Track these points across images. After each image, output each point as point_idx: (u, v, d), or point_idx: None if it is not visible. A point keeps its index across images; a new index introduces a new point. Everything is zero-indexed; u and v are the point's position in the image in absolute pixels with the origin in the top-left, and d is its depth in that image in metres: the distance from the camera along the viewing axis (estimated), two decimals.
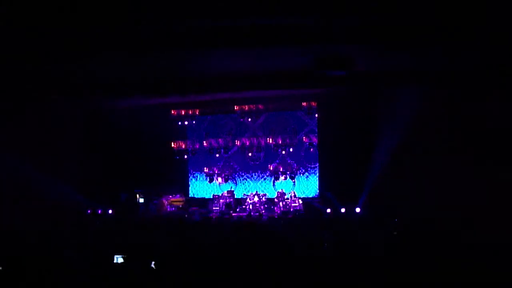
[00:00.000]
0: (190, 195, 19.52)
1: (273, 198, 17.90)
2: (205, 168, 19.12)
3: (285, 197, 17.42)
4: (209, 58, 10.61)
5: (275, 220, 14.97)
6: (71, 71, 11.14)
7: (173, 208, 17.99)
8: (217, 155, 18.88)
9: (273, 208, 17.43)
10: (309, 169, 18.60)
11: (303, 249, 7.78)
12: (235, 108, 18.09)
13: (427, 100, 13.41)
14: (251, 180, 19.19)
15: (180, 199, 18.41)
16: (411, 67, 11.97)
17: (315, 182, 18.47)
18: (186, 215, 16.51)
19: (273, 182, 18.77)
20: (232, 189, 18.62)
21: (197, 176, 19.65)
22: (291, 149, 18.22)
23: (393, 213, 12.99)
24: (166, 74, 12.06)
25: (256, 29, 8.35)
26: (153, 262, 7.42)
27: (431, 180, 13.67)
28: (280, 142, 18.21)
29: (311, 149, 18.06)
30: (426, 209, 12.85)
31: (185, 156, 19.04)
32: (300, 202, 17.14)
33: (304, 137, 18.31)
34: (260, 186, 18.95)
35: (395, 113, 14.58)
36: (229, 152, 19.22)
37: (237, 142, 18.81)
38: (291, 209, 16.80)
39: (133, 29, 8.21)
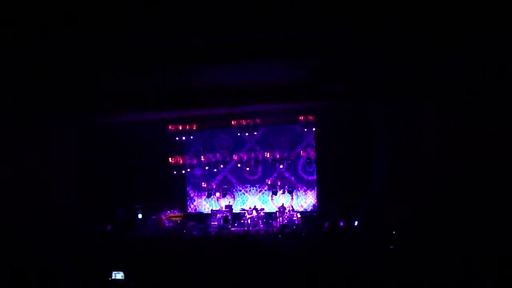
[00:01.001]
0: (188, 210, 19.48)
1: (271, 213, 17.87)
2: (202, 183, 19.15)
3: (283, 211, 17.42)
4: (206, 73, 10.68)
5: (272, 235, 14.93)
6: (66, 86, 11.18)
7: (171, 224, 17.94)
8: (215, 170, 18.91)
9: (271, 222, 17.39)
10: (307, 183, 18.60)
11: (297, 263, 7.77)
12: (233, 123, 18.14)
13: (424, 113, 13.49)
14: (249, 194, 19.17)
15: (178, 214, 18.38)
16: (408, 80, 12.05)
17: (313, 196, 18.46)
18: (184, 231, 16.47)
19: (271, 197, 18.75)
20: (231, 204, 18.59)
21: (195, 191, 19.62)
22: (288, 163, 18.26)
23: (391, 227, 12.96)
24: (163, 90, 12.12)
25: (252, 44, 8.42)
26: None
27: (429, 193, 13.69)
28: (277, 156, 18.22)
29: (309, 163, 18.08)
30: (425, 222, 12.83)
31: (183, 171, 19.06)
32: (299, 216, 17.13)
33: (301, 151, 18.32)
34: (258, 201, 18.92)
35: (392, 127, 14.63)
36: (227, 167, 19.23)
37: (235, 157, 18.82)
38: (290, 223, 16.77)
39: (129, 46, 8.28)
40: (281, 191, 18.33)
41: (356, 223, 14.96)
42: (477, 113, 12.25)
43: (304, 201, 18.56)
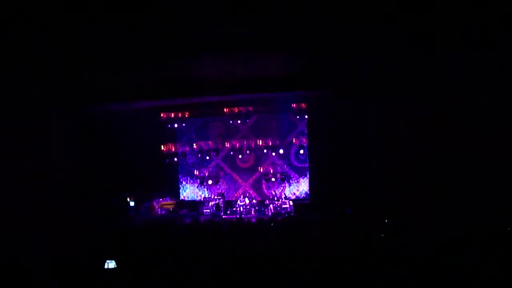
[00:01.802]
0: (180, 198, 19.51)
1: (264, 200, 17.94)
2: (195, 170, 19.19)
3: (275, 199, 17.50)
4: (199, 63, 10.65)
5: (264, 223, 14.98)
6: (62, 78, 11.13)
7: (164, 211, 17.97)
8: (207, 158, 18.93)
9: (264, 210, 17.46)
10: (299, 171, 18.66)
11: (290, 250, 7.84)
12: (225, 110, 18.13)
13: (416, 104, 13.57)
14: (241, 182, 19.20)
15: (171, 202, 18.40)
16: (401, 71, 12.09)
17: (305, 184, 18.53)
18: (177, 218, 16.49)
19: (264, 184, 18.80)
20: (223, 192, 18.64)
21: (187, 179, 19.64)
22: (281, 151, 18.31)
23: (383, 215, 13.05)
24: (157, 79, 12.09)
25: (244, 36, 8.41)
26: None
27: (422, 182, 13.80)
28: (270, 144, 18.26)
29: (301, 151, 18.12)
30: (417, 211, 12.94)
31: (175, 159, 19.06)
32: (291, 203, 17.21)
33: (294, 139, 18.38)
34: (250, 188, 18.97)
35: (384, 115, 14.68)
36: (219, 155, 19.24)
37: (227, 144, 18.85)
38: (282, 211, 16.85)
39: (123, 38, 8.23)
40: (273, 179, 18.39)
41: (348, 211, 15.02)
42: (473, 109, 12.39)
43: (297, 188, 18.63)
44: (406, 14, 7.74)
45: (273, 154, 18.34)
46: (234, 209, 17.58)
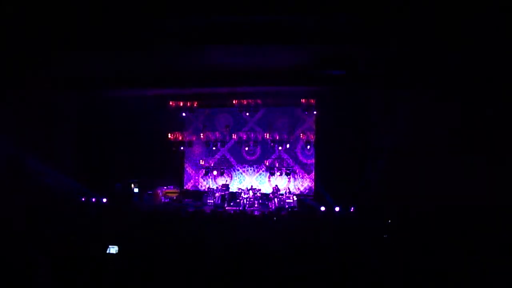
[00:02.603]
0: (184, 187, 19.54)
1: (268, 194, 17.93)
2: (200, 160, 19.21)
3: (280, 193, 17.48)
4: (210, 53, 10.62)
5: (267, 216, 14.96)
6: (67, 62, 11.14)
7: (167, 200, 18.00)
8: (214, 148, 18.94)
9: (267, 203, 17.45)
10: (305, 166, 18.63)
11: (291, 248, 7.80)
12: (234, 102, 18.09)
13: (423, 101, 13.55)
14: (246, 174, 19.20)
15: (175, 190, 18.42)
16: (411, 70, 12.03)
17: (310, 179, 18.50)
18: (180, 208, 16.50)
19: (269, 178, 18.79)
20: (227, 183, 18.65)
21: (192, 168, 19.67)
22: (287, 145, 18.29)
23: (387, 214, 13.01)
24: (166, 67, 12.07)
25: (256, 27, 8.37)
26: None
27: (427, 180, 13.78)
28: (277, 137, 18.26)
29: (308, 146, 18.09)
30: (421, 209, 12.91)
31: (182, 148, 19.09)
32: (295, 198, 17.19)
33: (301, 134, 18.35)
34: (255, 181, 18.97)
35: (392, 113, 14.64)
36: (226, 146, 19.24)
37: (234, 136, 18.85)
38: (285, 205, 16.83)
39: (135, 25, 8.22)
40: (278, 173, 18.40)
41: (352, 209, 14.99)
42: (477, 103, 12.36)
43: (301, 184, 18.61)
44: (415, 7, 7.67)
45: (280, 148, 18.32)
46: (238, 201, 17.58)
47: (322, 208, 15.31)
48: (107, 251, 7.88)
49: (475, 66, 11.31)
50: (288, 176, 18.42)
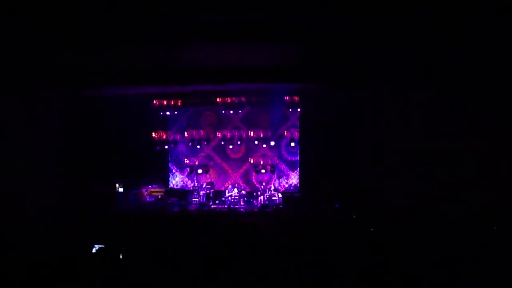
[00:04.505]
0: (169, 186, 19.49)
1: (253, 191, 17.96)
2: (185, 159, 19.18)
3: (265, 190, 17.52)
4: (192, 51, 10.60)
5: (253, 214, 15.00)
6: (57, 61, 11.03)
7: (152, 199, 17.92)
8: (198, 147, 18.91)
9: (253, 201, 17.47)
10: (289, 163, 18.69)
11: (276, 243, 7.82)
12: (218, 100, 18.04)
13: (407, 100, 13.69)
14: (231, 172, 19.21)
15: (160, 189, 18.36)
16: (396, 68, 12.14)
17: (295, 177, 18.56)
18: (165, 207, 16.46)
19: (254, 175, 18.82)
20: (212, 181, 18.64)
21: (177, 167, 19.63)
22: (272, 143, 18.33)
23: (372, 210, 13.12)
24: (149, 66, 12.01)
25: (240, 25, 8.37)
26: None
27: (412, 177, 13.92)
28: (261, 135, 18.30)
29: (292, 144, 18.15)
30: (406, 205, 13.04)
31: (166, 147, 19.04)
32: (280, 196, 17.24)
33: (285, 131, 18.40)
34: (240, 179, 18.98)
35: (376, 110, 14.75)
36: (211, 144, 19.22)
37: (219, 134, 18.84)
38: (271, 203, 16.87)
39: (119, 22, 8.16)
40: (263, 170, 18.43)
41: (337, 205, 15.07)
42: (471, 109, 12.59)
43: (286, 181, 18.67)
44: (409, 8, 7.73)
45: (264, 146, 18.38)
46: (223, 199, 17.58)
47: (308, 205, 15.37)
48: (93, 251, 7.85)
49: (460, 66, 11.46)
50: (273, 174, 18.46)
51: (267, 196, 17.21)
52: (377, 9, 7.62)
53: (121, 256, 7.17)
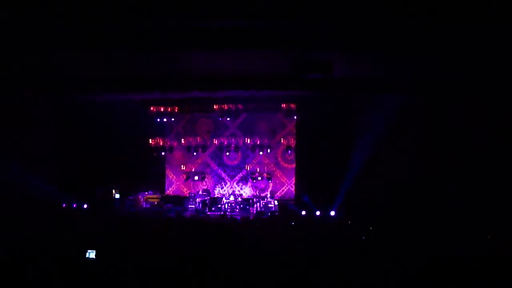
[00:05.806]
0: (166, 192, 19.49)
1: (249, 199, 17.97)
2: (182, 165, 19.19)
3: (261, 197, 17.53)
4: (189, 58, 10.64)
5: (249, 221, 15.01)
6: (51, 66, 11.05)
7: (148, 205, 17.92)
8: (195, 153, 18.92)
9: (249, 208, 17.47)
10: (286, 171, 18.71)
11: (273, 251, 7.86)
12: (215, 107, 18.08)
13: (403, 107, 13.75)
14: (227, 179, 19.23)
15: (156, 196, 18.36)
16: (388, 75, 12.19)
17: (291, 184, 18.58)
18: (161, 213, 16.46)
19: (250, 183, 18.84)
20: (208, 188, 18.65)
21: (174, 173, 19.64)
22: (268, 150, 18.37)
23: (366, 218, 13.15)
24: (146, 72, 12.04)
25: (236, 32, 8.42)
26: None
27: (406, 185, 13.96)
28: (258, 142, 18.32)
29: (289, 151, 18.16)
30: (400, 214, 13.07)
31: (162, 153, 19.05)
32: (276, 203, 17.23)
33: (282, 139, 18.44)
34: (236, 186, 19.00)
35: (372, 118, 14.80)
36: (207, 151, 19.25)
37: (215, 141, 18.86)
38: (266, 210, 16.87)
39: (115, 28, 8.21)
40: (259, 178, 18.43)
41: (332, 212, 15.10)
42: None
43: (282, 188, 18.69)
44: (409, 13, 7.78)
45: (261, 153, 18.39)
46: (219, 206, 17.57)
47: (303, 213, 15.41)
48: (86, 256, 7.87)
49: (450, 70, 11.55)
50: (269, 181, 18.48)
51: (263, 203, 17.20)
52: (366, 14, 7.69)
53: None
